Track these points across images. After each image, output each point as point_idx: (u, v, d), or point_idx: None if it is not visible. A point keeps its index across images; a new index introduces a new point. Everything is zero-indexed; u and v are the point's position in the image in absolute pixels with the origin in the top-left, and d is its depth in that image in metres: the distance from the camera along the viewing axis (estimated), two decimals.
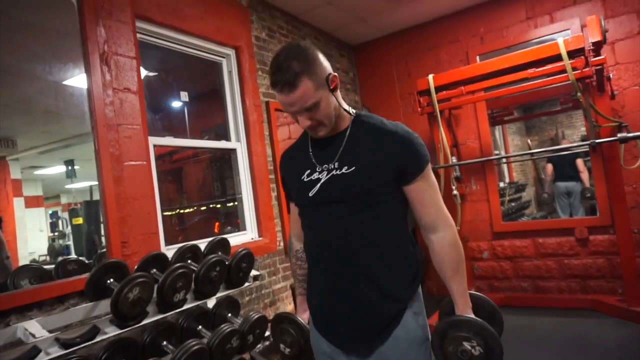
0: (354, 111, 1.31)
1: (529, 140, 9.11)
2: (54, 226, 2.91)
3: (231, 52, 3.26)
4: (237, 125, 3.26)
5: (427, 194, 1.23)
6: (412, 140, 1.21)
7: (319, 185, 1.23)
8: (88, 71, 2.19)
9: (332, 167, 1.23)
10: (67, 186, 2.83)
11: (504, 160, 6.71)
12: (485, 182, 4.22)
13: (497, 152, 7.15)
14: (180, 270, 1.88)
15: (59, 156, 2.84)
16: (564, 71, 3.00)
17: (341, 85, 4.67)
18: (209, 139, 3.40)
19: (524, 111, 7.98)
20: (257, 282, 2.42)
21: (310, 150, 1.31)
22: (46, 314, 1.87)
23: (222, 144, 3.19)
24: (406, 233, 1.29)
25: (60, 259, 2.55)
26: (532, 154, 5.51)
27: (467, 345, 1.20)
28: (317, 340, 1.35)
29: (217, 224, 3.52)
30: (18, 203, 3.75)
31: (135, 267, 1.94)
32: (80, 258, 2.84)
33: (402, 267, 1.25)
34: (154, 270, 1.98)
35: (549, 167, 6.19)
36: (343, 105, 1.26)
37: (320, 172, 1.25)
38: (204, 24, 2.97)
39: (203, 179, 3.79)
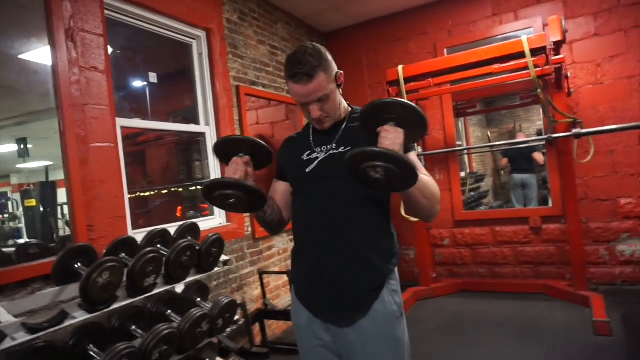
0: (350, 105, 1.45)
1: (489, 132, 9.43)
2: (3, 208, 2.78)
3: (202, 34, 3.20)
4: (206, 109, 3.22)
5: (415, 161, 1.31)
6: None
7: (316, 162, 1.35)
8: (53, 47, 2.10)
9: (331, 147, 1.35)
10: (19, 166, 2.69)
11: (466, 151, 6.94)
12: (449, 172, 4.36)
13: (459, 142, 7.38)
14: (151, 255, 1.86)
15: (10, 134, 2.72)
16: (526, 68, 3.14)
17: None
18: (176, 121, 3.34)
19: (486, 104, 8.23)
20: (226, 267, 2.43)
21: (311, 138, 1.43)
22: (9, 298, 1.81)
23: (190, 128, 3.15)
24: (389, 213, 1.38)
25: (22, 242, 2.46)
26: (492, 146, 5.73)
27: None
28: (297, 313, 1.41)
29: (179, 208, 3.49)
30: None
31: (104, 251, 1.90)
32: (42, 242, 2.75)
33: (384, 241, 1.34)
34: (123, 254, 1.95)
35: (504, 160, 6.46)
36: (343, 101, 1.40)
37: (318, 153, 1.37)
38: (176, 4, 2.89)
39: (168, 162, 3.72)
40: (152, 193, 3.59)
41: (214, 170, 3.20)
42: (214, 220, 3.15)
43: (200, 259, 2.16)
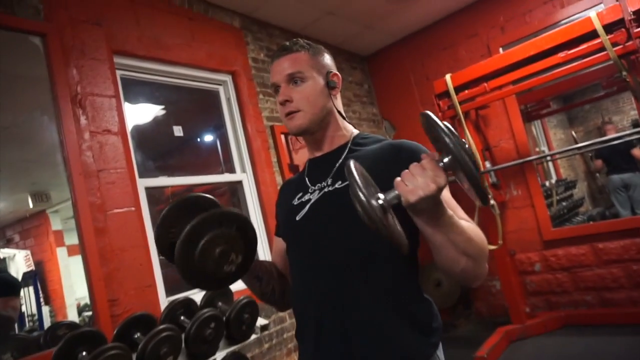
0: (356, 131, 1.16)
1: (573, 132, 8.43)
2: None
3: (227, 78, 3.05)
4: (240, 154, 3.02)
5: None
6: (416, 146, 1.01)
7: (308, 206, 1.04)
8: (58, 117, 2.01)
9: (325, 184, 1.04)
10: None
11: (549, 158, 6.14)
12: (527, 185, 3.75)
13: (538, 149, 6.59)
14: (164, 334, 1.61)
15: None
16: (602, 49, 2.58)
17: (356, 98, 4.42)
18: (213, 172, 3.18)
19: (564, 101, 7.38)
20: (266, 332, 2.12)
21: (306, 173, 1.14)
22: None
23: (225, 177, 2.96)
24: (416, 274, 1.00)
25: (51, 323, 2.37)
26: (576, 148, 4.95)
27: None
28: None
29: None
30: (61, 252, 3.75)
31: (114, 332, 1.69)
32: (70, 318, 2.65)
33: (416, 310, 0.95)
34: (138, 334, 1.72)
35: (598, 162, 5.59)
36: (342, 112, 1.11)
37: (311, 193, 1.06)
38: (193, 52, 2.78)
39: None
40: None
41: (255, 219, 2.96)
42: None
43: (230, 329, 1.88)
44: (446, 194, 0.94)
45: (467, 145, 0.71)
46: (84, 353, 1.52)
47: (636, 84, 2.56)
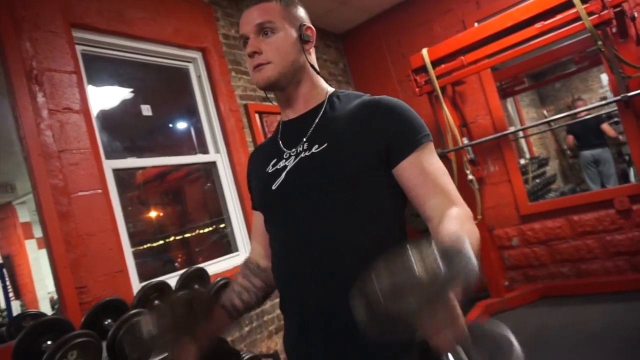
0: (332, 88, 1.05)
1: (545, 111, 8.57)
2: None
3: (197, 55, 2.92)
4: (214, 134, 2.91)
5: (428, 174, 0.86)
6: (401, 107, 0.92)
7: (284, 174, 0.94)
8: (11, 94, 1.86)
9: (301, 149, 0.95)
10: None
11: (521, 134, 6.22)
12: (504, 161, 3.76)
13: (512, 127, 6.67)
14: (136, 318, 1.52)
15: None
16: (577, 19, 2.56)
17: (332, 77, 4.32)
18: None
19: (536, 79, 7.46)
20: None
21: (279, 136, 1.03)
22: None
23: (199, 158, 2.84)
24: (403, 230, 0.93)
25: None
26: (550, 122, 4.99)
27: None
28: None
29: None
30: (30, 245, 3.57)
31: (82, 320, 1.58)
32: (42, 311, 2.52)
33: None
34: (109, 320, 1.62)
35: (570, 138, 5.68)
36: (316, 68, 1.01)
37: (287, 159, 0.96)
38: (159, 27, 2.63)
39: (205, 197, 3.41)
40: (193, 234, 3.32)
41: (232, 202, 2.86)
42: (238, 257, 2.79)
43: None
44: (430, 162, 0.87)
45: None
46: (48, 342, 1.42)
47: (611, 53, 2.56)
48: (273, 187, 0.94)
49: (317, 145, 0.91)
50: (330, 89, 1.04)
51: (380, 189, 0.89)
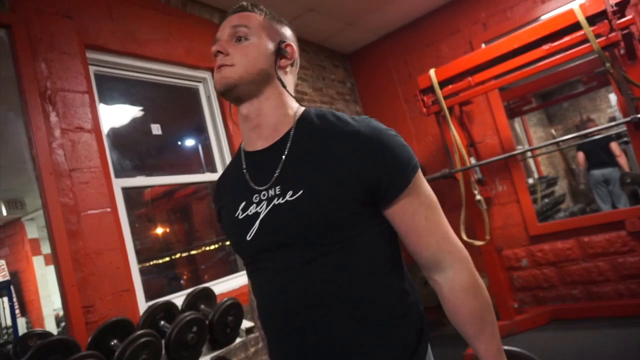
0: (301, 108, 0.94)
1: (552, 131, 8.56)
2: None
3: (207, 75, 2.96)
4: (222, 153, 2.93)
5: (419, 216, 0.82)
6: (385, 139, 0.82)
7: (257, 223, 0.85)
8: (26, 113, 1.89)
9: (273, 193, 0.85)
10: None
11: (529, 154, 6.19)
12: (512, 180, 3.74)
13: (520, 147, 6.65)
14: (142, 339, 1.52)
15: None
16: (585, 41, 2.57)
17: (339, 96, 4.36)
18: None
19: (544, 99, 7.47)
20: (252, 335, 2.02)
21: (244, 166, 0.93)
22: None
23: (207, 177, 2.86)
24: (398, 277, 0.88)
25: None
26: (559, 142, 4.98)
27: None
28: None
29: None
30: (38, 261, 3.58)
31: (88, 341, 1.58)
32: (47, 329, 2.51)
33: (397, 325, 0.84)
34: (115, 341, 1.61)
35: (580, 155, 5.65)
36: (290, 91, 0.92)
37: (258, 204, 0.86)
38: (170, 48, 2.68)
39: (203, 217, 3.43)
40: (200, 251, 3.32)
41: None
42: (242, 277, 2.77)
43: (213, 333, 1.78)
44: (420, 200, 0.83)
45: None
46: None
47: (619, 75, 2.56)
48: (247, 238, 0.87)
49: (291, 192, 0.82)
50: (300, 110, 0.93)
51: (367, 230, 0.83)
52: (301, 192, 0.81)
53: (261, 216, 0.85)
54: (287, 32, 0.95)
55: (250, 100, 0.88)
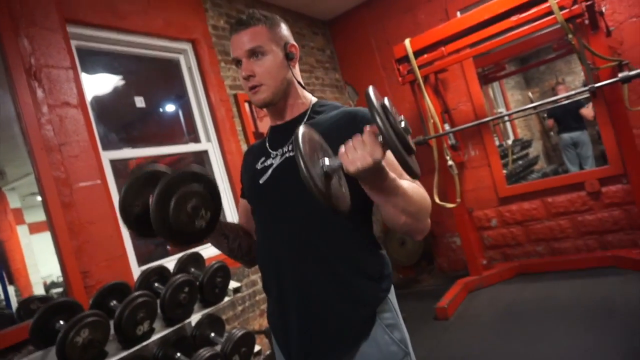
0: (315, 99, 1.21)
1: (529, 94, 8.74)
2: None
3: (187, 47, 3.00)
4: (205, 124, 3.02)
5: (391, 164, 0.99)
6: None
7: (271, 170, 1.10)
8: (13, 90, 1.96)
9: (286, 150, 1.10)
10: None
11: (506, 118, 6.38)
12: (484, 145, 3.94)
13: (496, 110, 6.82)
14: (140, 299, 1.67)
15: None
16: (550, 13, 2.70)
17: (319, 64, 4.43)
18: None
19: (521, 62, 7.60)
20: (239, 294, 2.21)
21: (268, 139, 1.20)
22: None
23: (190, 147, 2.96)
24: (370, 229, 1.11)
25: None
26: (528, 109, 5.17)
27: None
28: (278, 358, 1.17)
29: None
30: (22, 230, 3.66)
31: (90, 302, 1.73)
32: (54, 292, 2.67)
33: (368, 262, 1.06)
34: (114, 302, 1.77)
35: (550, 122, 5.88)
36: (300, 81, 1.16)
37: (274, 157, 1.13)
38: (149, 20, 2.71)
39: None
40: None
41: (224, 188, 3.00)
42: None
43: (203, 293, 1.95)
44: (391, 158, 1.01)
45: (401, 123, 0.78)
46: (61, 322, 1.57)
47: (581, 46, 2.71)
48: (260, 182, 1.10)
49: None
50: (314, 99, 1.18)
51: (353, 186, 1.01)
52: None
53: (274, 165, 1.10)
54: (285, 30, 1.12)
55: (280, 101, 1.12)
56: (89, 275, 2.05)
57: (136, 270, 2.31)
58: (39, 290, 3.46)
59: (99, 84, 2.64)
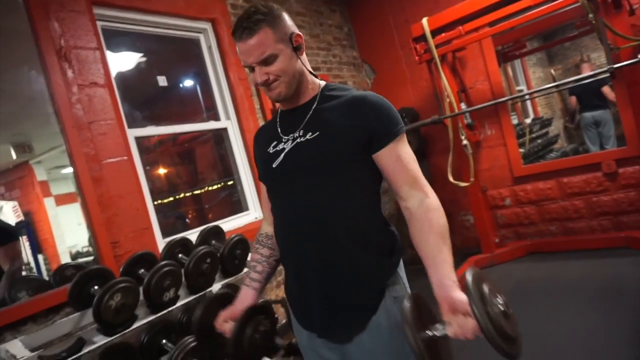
0: (323, 82, 1.24)
1: (552, 71, 8.52)
2: None
3: (207, 26, 3.07)
4: (224, 102, 3.11)
5: (401, 161, 1.10)
6: (383, 105, 1.12)
7: (283, 154, 1.16)
8: (45, 71, 2.07)
9: (297, 135, 1.16)
10: None
11: (526, 97, 6.29)
12: (500, 125, 3.93)
13: (517, 88, 6.70)
14: (166, 269, 1.81)
15: None
16: None
17: (336, 41, 4.44)
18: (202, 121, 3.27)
19: (544, 39, 7.41)
20: None
21: (278, 123, 1.24)
22: (43, 325, 1.85)
23: (210, 125, 3.06)
24: (379, 208, 1.19)
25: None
26: (546, 89, 5.07)
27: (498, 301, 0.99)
28: (296, 331, 1.27)
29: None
30: (49, 202, 3.85)
31: (121, 270, 1.88)
32: (81, 262, 2.84)
33: (377, 237, 1.15)
34: (142, 270, 1.91)
35: (572, 99, 5.78)
36: (309, 68, 1.19)
37: (285, 142, 1.18)
38: (171, 0, 2.78)
39: (214, 158, 3.67)
40: (202, 191, 3.61)
41: (242, 165, 3.11)
42: (248, 216, 3.07)
43: (224, 264, 2.08)
44: (391, 158, 1.10)
45: (499, 307, 0.91)
46: (95, 287, 1.71)
47: (601, 25, 2.68)
48: (274, 166, 1.17)
49: (310, 133, 1.12)
50: (322, 83, 1.22)
51: (361, 169, 1.12)
52: (318, 133, 1.11)
53: (286, 150, 1.15)
54: (286, 21, 1.11)
55: (293, 93, 1.16)
56: (118, 246, 2.19)
57: (160, 242, 2.46)
58: (65, 259, 3.66)
59: (123, 62, 2.74)
